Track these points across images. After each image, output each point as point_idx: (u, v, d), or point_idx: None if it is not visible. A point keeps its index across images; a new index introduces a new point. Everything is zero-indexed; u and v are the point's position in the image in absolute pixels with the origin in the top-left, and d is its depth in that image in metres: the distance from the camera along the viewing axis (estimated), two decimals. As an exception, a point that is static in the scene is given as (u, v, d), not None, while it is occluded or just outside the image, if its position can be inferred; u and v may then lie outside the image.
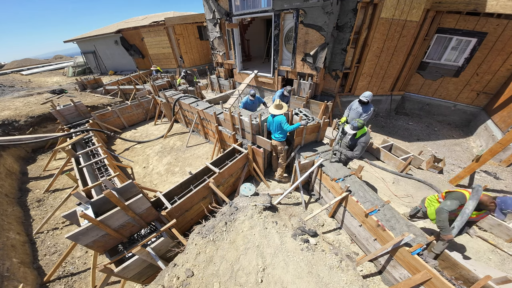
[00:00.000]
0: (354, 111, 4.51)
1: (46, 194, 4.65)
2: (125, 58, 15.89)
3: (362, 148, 3.49)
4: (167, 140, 6.63)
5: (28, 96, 8.23)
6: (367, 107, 4.32)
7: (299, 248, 2.24)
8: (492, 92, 6.12)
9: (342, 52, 6.05)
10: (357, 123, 3.35)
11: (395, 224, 2.63)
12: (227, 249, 2.26)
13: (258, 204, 2.73)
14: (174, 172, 5.18)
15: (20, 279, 2.78)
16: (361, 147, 3.47)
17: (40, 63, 26.68)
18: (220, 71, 10.06)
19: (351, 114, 4.60)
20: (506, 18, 5.19)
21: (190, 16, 12.75)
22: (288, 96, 5.40)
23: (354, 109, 4.49)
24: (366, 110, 4.32)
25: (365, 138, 3.46)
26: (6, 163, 5.07)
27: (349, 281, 1.98)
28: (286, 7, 5.93)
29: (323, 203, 3.94)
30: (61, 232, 3.80)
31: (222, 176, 3.74)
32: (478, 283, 1.97)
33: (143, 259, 2.60)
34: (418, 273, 2.15)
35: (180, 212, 3.19)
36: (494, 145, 3.78)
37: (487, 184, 4.28)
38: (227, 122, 4.95)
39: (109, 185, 2.69)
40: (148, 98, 7.93)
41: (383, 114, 7.68)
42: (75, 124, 6.20)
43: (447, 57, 6.49)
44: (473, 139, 6.20)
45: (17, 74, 19.13)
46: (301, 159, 4.11)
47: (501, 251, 3.17)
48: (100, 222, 2.39)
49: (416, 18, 5.70)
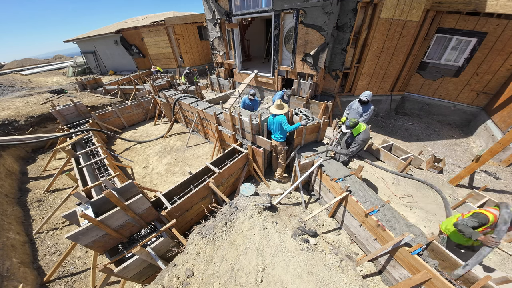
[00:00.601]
0: (354, 111, 4.51)
1: (46, 194, 4.64)
2: (125, 58, 15.90)
3: (359, 146, 3.53)
4: (167, 140, 6.63)
5: (28, 96, 8.23)
6: (367, 106, 4.33)
7: (299, 248, 2.24)
8: (492, 92, 6.12)
9: (342, 52, 6.05)
10: (349, 122, 3.48)
11: (395, 224, 2.64)
12: (227, 249, 2.26)
13: (258, 204, 2.73)
14: (174, 172, 5.18)
15: (20, 279, 2.78)
16: (358, 145, 3.53)
17: (40, 63, 26.69)
18: (220, 71, 10.06)
19: (350, 114, 4.61)
20: (506, 18, 5.19)
21: (190, 16, 12.75)
22: (288, 100, 5.40)
23: (354, 109, 4.50)
24: (366, 109, 4.33)
25: (363, 135, 3.51)
26: (6, 163, 5.07)
27: (349, 281, 1.98)
28: (286, 7, 5.93)
29: (323, 203, 3.93)
30: (61, 232, 3.80)
31: (222, 176, 3.74)
32: (478, 283, 1.97)
33: (143, 259, 2.60)
34: (418, 273, 2.15)
35: (180, 212, 3.19)
36: (494, 145, 3.78)
37: (487, 184, 4.28)
38: (227, 122, 4.95)
39: (109, 185, 2.69)
40: (148, 98, 7.93)
41: (383, 114, 7.68)
42: (75, 124, 6.20)
43: (447, 57, 6.49)
44: (473, 139, 6.20)
45: (17, 74, 19.13)
46: (301, 159, 4.11)
47: (501, 251, 3.17)
48: (100, 222, 2.39)
49: (416, 18, 5.70)
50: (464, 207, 3.72)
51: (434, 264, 2.20)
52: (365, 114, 4.33)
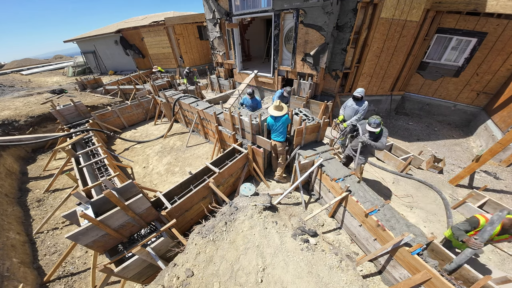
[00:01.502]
0: (349, 108, 4.65)
1: (46, 194, 4.64)
2: (125, 58, 15.89)
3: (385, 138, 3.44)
4: (167, 140, 6.63)
5: (28, 96, 8.23)
6: (361, 102, 4.48)
7: (299, 248, 2.24)
8: (492, 92, 6.12)
9: (342, 52, 6.05)
10: (377, 119, 3.20)
11: (395, 224, 2.63)
12: (227, 249, 2.26)
13: (258, 204, 2.73)
14: (174, 172, 5.18)
15: (20, 279, 2.78)
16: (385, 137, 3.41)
17: (40, 63, 26.68)
18: (220, 71, 10.06)
19: (346, 111, 4.76)
20: (506, 18, 5.18)
21: (190, 16, 12.75)
22: (288, 97, 5.40)
23: (349, 106, 4.64)
24: (361, 105, 4.48)
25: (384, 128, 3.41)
26: (6, 163, 5.07)
27: (349, 281, 1.98)
28: (286, 7, 5.93)
29: (323, 203, 3.94)
30: (61, 232, 3.80)
31: (222, 176, 3.74)
32: (478, 283, 1.97)
33: (143, 259, 2.60)
34: (418, 273, 2.15)
35: (180, 212, 3.19)
36: (494, 145, 3.78)
37: (487, 184, 4.28)
38: (227, 122, 4.95)
39: (109, 185, 2.69)
40: (148, 98, 7.93)
41: (383, 114, 7.68)
42: (75, 124, 6.20)
43: (447, 57, 6.49)
44: (473, 139, 6.20)
45: (17, 74, 19.13)
46: (301, 159, 4.11)
47: (501, 251, 3.17)
48: (100, 222, 2.39)
49: (416, 18, 5.70)
50: (464, 207, 3.72)
51: (434, 264, 2.20)
52: (361, 109, 4.47)
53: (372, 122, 3.22)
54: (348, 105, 4.68)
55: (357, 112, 4.52)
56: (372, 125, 3.22)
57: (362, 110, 4.46)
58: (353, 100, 4.55)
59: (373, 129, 3.22)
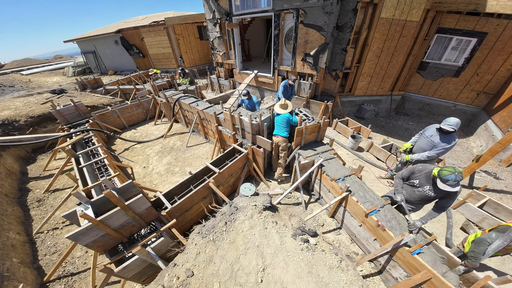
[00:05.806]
0: (426, 139, 3.37)
1: (46, 194, 4.64)
2: (125, 58, 15.89)
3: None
4: (167, 140, 6.63)
5: (28, 96, 8.23)
6: (451, 137, 3.08)
7: (299, 248, 2.24)
8: (492, 92, 6.12)
9: (342, 52, 6.05)
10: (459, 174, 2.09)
11: (395, 225, 2.63)
12: (227, 249, 2.26)
13: (258, 204, 2.73)
14: (174, 172, 5.18)
15: (20, 279, 2.78)
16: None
17: (40, 63, 26.68)
18: (220, 71, 10.06)
19: (420, 142, 3.52)
20: (506, 18, 5.19)
21: (190, 16, 12.75)
22: (293, 85, 5.43)
23: (428, 137, 3.35)
24: (448, 141, 3.08)
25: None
26: (6, 163, 5.07)
27: (349, 281, 1.98)
28: (286, 7, 5.93)
29: (323, 203, 3.94)
30: (61, 232, 3.80)
31: (222, 176, 3.74)
32: (478, 283, 1.97)
33: (143, 259, 2.60)
34: (418, 273, 2.15)
35: (180, 212, 3.19)
36: (494, 145, 3.78)
37: (487, 184, 4.28)
38: (227, 122, 4.95)
39: (109, 185, 2.69)
40: (148, 98, 7.93)
41: (383, 114, 7.68)
42: (75, 124, 6.20)
43: (447, 57, 6.49)
44: (473, 139, 6.20)
45: (17, 74, 19.12)
46: (301, 159, 4.11)
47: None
48: (100, 222, 2.39)
49: (416, 18, 5.70)
50: (464, 207, 3.73)
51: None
52: (442, 146, 3.12)
53: (451, 178, 2.10)
54: (426, 135, 3.37)
55: (433, 148, 3.25)
56: (450, 183, 2.12)
57: (443, 149, 3.13)
58: (436, 131, 3.21)
59: (451, 188, 2.13)
